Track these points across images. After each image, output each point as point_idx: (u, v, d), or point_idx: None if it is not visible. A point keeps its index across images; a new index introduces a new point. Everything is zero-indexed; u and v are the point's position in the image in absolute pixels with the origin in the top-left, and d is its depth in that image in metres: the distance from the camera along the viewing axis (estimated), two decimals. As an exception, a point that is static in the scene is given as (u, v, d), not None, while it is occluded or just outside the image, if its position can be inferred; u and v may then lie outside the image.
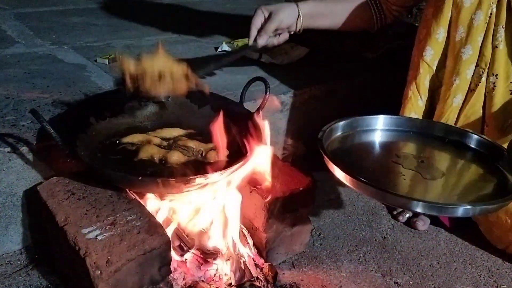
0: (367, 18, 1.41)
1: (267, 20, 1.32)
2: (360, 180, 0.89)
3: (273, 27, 1.31)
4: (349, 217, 1.38)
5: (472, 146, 1.11)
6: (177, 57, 1.10)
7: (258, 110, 1.18)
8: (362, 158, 1.09)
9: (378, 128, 1.15)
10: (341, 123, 1.11)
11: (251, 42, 1.33)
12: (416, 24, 1.92)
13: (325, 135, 1.03)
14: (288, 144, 1.43)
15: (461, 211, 0.87)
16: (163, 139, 1.13)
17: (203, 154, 1.09)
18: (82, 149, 1.03)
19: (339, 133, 1.11)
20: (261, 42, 1.32)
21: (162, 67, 1.06)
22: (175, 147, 1.10)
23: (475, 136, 1.11)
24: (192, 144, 1.11)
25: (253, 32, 1.32)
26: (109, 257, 0.84)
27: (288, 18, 1.33)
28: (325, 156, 0.96)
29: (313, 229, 1.29)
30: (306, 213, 1.16)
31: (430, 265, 1.21)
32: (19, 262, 1.08)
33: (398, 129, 1.17)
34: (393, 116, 1.18)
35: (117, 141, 1.11)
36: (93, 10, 2.24)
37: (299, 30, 1.39)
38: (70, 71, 1.48)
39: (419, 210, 0.86)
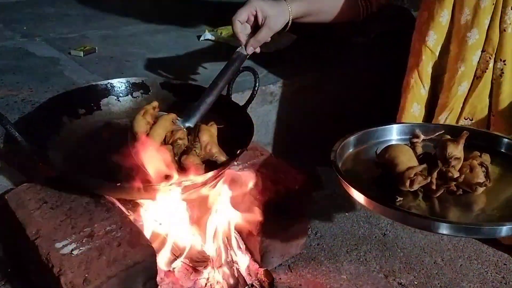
0: (354, 11, 1.27)
1: (261, 22, 1.10)
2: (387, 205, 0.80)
3: (267, 37, 1.11)
4: (347, 214, 1.31)
5: (503, 150, 0.99)
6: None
7: (247, 103, 1.10)
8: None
9: (393, 138, 1.05)
10: (352, 138, 0.99)
11: (244, 46, 1.11)
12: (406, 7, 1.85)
13: (337, 154, 0.93)
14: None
15: (504, 230, 0.75)
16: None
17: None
18: (54, 152, 0.95)
19: (351, 150, 1.00)
20: (250, 51, 1.12)
21: None
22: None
23: (505, 140, 0.99)
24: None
25: (240, 31, 1.10)
26: (86, 275, 0.76)
27: (280, 25, 1.12)
28: (341, 178, 0.87)
29: (309, 228, 1.22)
30: (303, 213, 1.09)
31: (434, 263, 1.15)
32: (-11, 277, 1.01)
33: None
34: (406, 124, 1.07)
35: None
36: (67, 0, 2.13)
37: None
38: (42, 66, 1.40)
39: (445, 232, 0.76)
